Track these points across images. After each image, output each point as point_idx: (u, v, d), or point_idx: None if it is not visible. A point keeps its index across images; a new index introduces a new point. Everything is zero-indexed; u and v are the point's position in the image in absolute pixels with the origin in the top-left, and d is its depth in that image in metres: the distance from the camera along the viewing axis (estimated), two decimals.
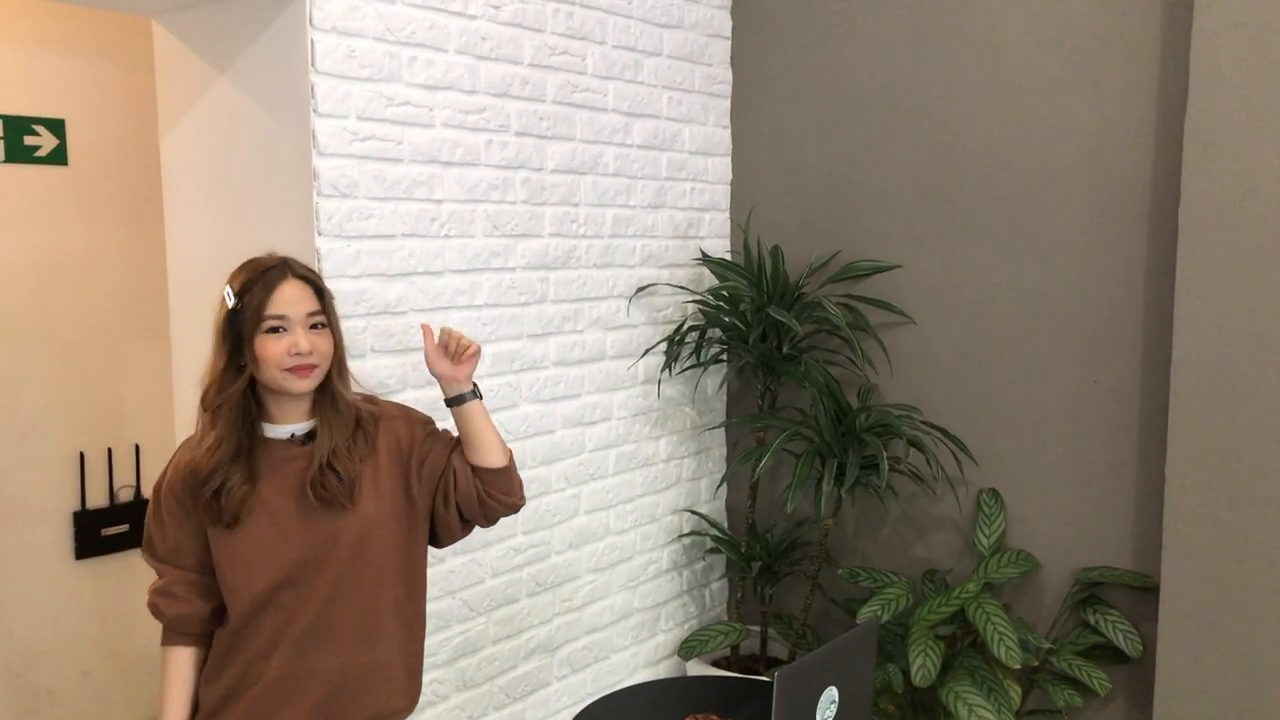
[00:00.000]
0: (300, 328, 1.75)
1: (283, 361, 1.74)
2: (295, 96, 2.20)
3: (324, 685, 1.83)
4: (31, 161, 3.37)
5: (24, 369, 3.39)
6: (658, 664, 3.25)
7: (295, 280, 1.77)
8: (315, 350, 1.75)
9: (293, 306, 1.75)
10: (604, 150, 2.89)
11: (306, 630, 1.81)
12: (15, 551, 3.42)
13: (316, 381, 1.77)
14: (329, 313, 1.79)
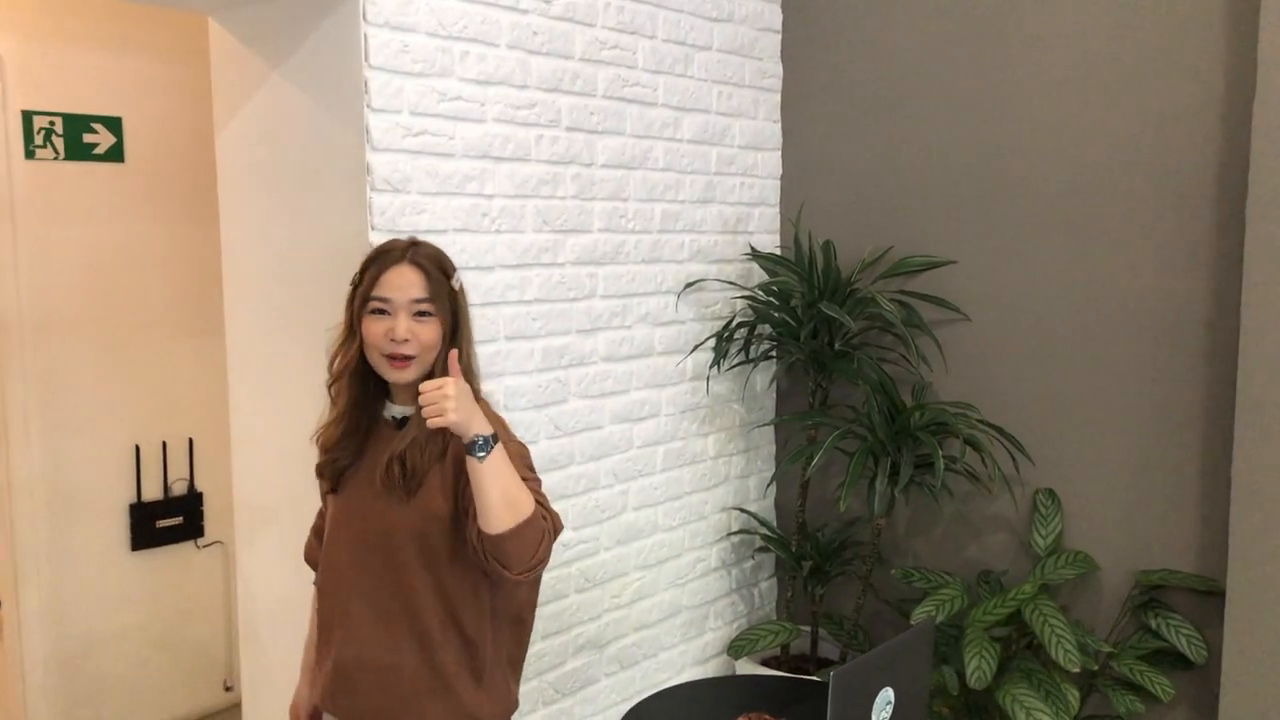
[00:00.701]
0: (404, 313, 1.73)
1: (382, 346, 1.74)
2: (349, 92, 2.20)
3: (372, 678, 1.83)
4: (89, 159, 3.43)
5: (82, 363, 3.45)
6: (706, 662, 3.23)
7: (408, 266, 1.75)
8: (414, 339, 1.73)
9: (397, 291, 1.74)
10: (654, 145, 2.87)
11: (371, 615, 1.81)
12: (74, 543, 3.48)
13: (416, 374, 1.74)
14: (438, 303, 1.74)
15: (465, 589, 1.78)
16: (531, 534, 1.62)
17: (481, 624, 1.81)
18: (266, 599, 2.62)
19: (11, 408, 3.32)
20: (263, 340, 2.55)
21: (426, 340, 1.74)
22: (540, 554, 1.65)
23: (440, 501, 1.75)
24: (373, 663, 1.82)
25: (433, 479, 1.75)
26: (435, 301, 1.74)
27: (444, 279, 1.78)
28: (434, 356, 1.76)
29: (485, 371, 2.45)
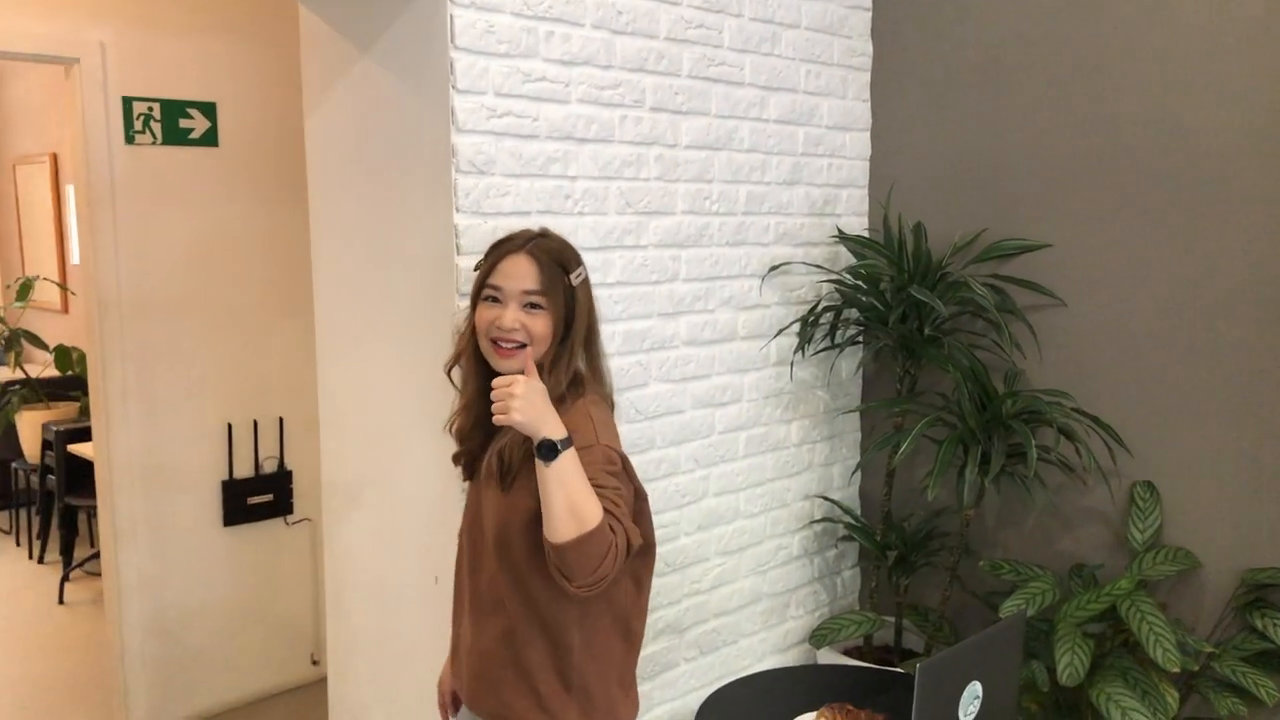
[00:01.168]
0: (514, 303, 1.73)
1: (489, 331, 1.75)
2: (435, 74, 2.21)
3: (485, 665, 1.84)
4: (185, 143, 3.51)
5: (177, 343, 3.55)
6: (786, 651, 3.19)
7: (524, 256, 1.74)
8: (524, 329, 1.72)
9: (510, 281, 1.74)
10: (739, 125, 2.83)
11: (480, 601, 1.84)
12: (169, 517, 3.59)
13: (521, 364, 1.72)
14: (550, 296, 1.72)
15: (549, 590, 1.74)
16: (594, 548, 1.54)
17: (568, 626, 1.76)
18: (353, 576, 2.66)
19: (111, 386, 3.43)
20: (350, 322, 2.58)
21: (536, 332, 1.73)
22: (604, 569, 1.57)
23: (527, 498, 1.73)
24: (474, 648, 1.85)
25: (525, 475, 1.73)
26: (547, 295, 1.73)
27: (561, 273, 1.75)
28: (544, 348, 1.74)
29: None
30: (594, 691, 1.80)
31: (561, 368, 1.76)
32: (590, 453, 1.67)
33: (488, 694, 1.83)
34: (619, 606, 1.82)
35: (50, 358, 5.35)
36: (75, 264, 6.08)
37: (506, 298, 1.74)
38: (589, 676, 1.79)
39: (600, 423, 1.74)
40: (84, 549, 5.38)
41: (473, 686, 1.87)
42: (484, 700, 1.84)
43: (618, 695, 1.85)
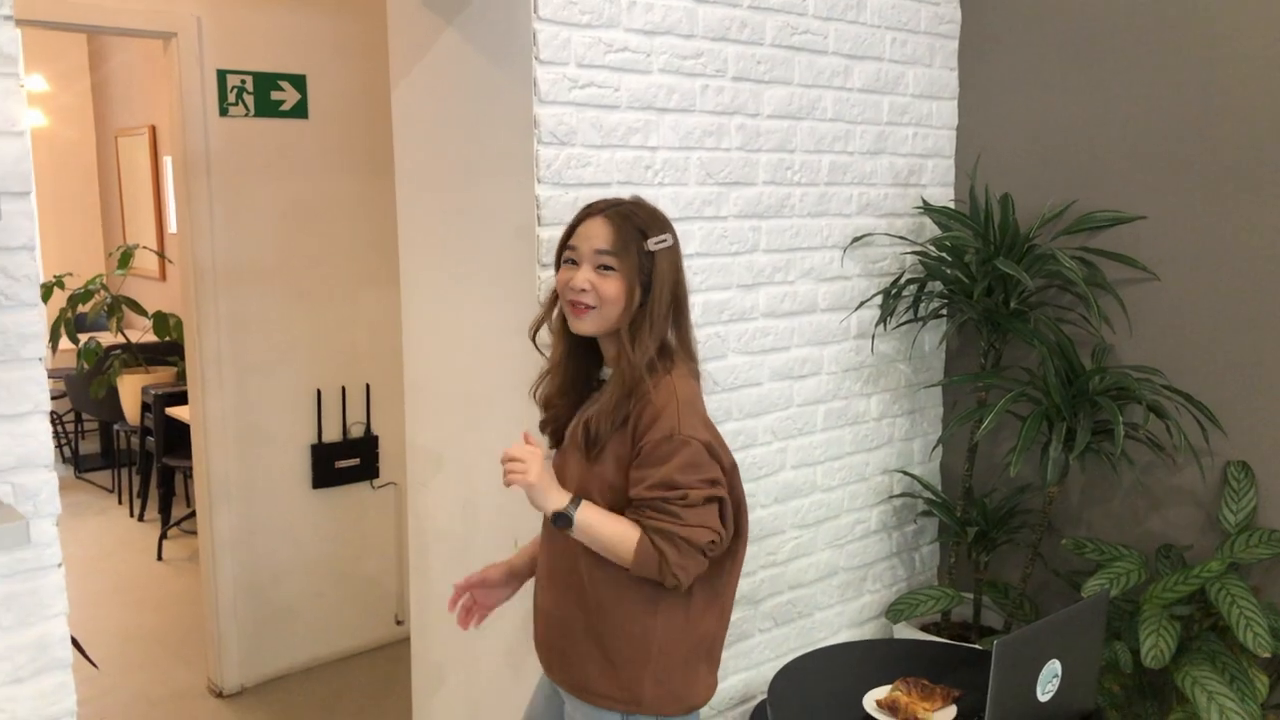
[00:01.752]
0: (587, 264, 1.76)
1: (564, 293, 1.78)
2: (518, 44, 2.22)
3: (542, 624, 1.91)
4: (276, 115, 3.60)
5: (269, 311, 3.65)
6: (863, 624, 3.18)
7: (600, 218, 1.77)
8: (594, 290, 1.74)
9: (584, 242, 1.76)
10: (822, 94, 2.79)
11: (560, 570, 1.87)
12: (260, 479, 3.71)
13: (595, 326, 1.76)
14: (622, 258, 1.73)
15: None
16: (645, 569, 1.71)
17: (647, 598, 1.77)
18: (436, 539, 2.73)
19: (207, 352, 3.55)
20: (435, 290, 2.63)
21: (606, 293, 1.74)
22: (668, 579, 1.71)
23: (613, 471, 1.76)
24: (550, 615, 1.89)
25: (612, 447, 1.76)
26: (618, 256, 1.73)
27: (637, 236, 1.75)
28: (617, 312, 1.75)
29: None
30: (674, 666, 1.80)
31: (643, 336, 1.75)
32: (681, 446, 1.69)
33: (563, 662, 1.86)
34: (710, 582, 1.83)
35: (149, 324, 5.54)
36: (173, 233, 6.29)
37: (581, 258, 1.76)
38: (671, 651, 1.80)
39: (684, 404, 1.73)
40: (180, 508, 5.60)
41: (548, 654, 1.91)
42: (560, 668, 1.87)
43: (700, 672, 1.85)
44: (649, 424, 1.71)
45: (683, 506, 1.69)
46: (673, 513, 1.69)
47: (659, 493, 1.69)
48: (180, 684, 3.81)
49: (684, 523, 1.69)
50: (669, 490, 1.69)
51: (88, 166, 7.09)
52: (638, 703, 1.79)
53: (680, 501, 1.69)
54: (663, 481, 1.69)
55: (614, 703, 1.80)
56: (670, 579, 1.70)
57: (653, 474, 1.70)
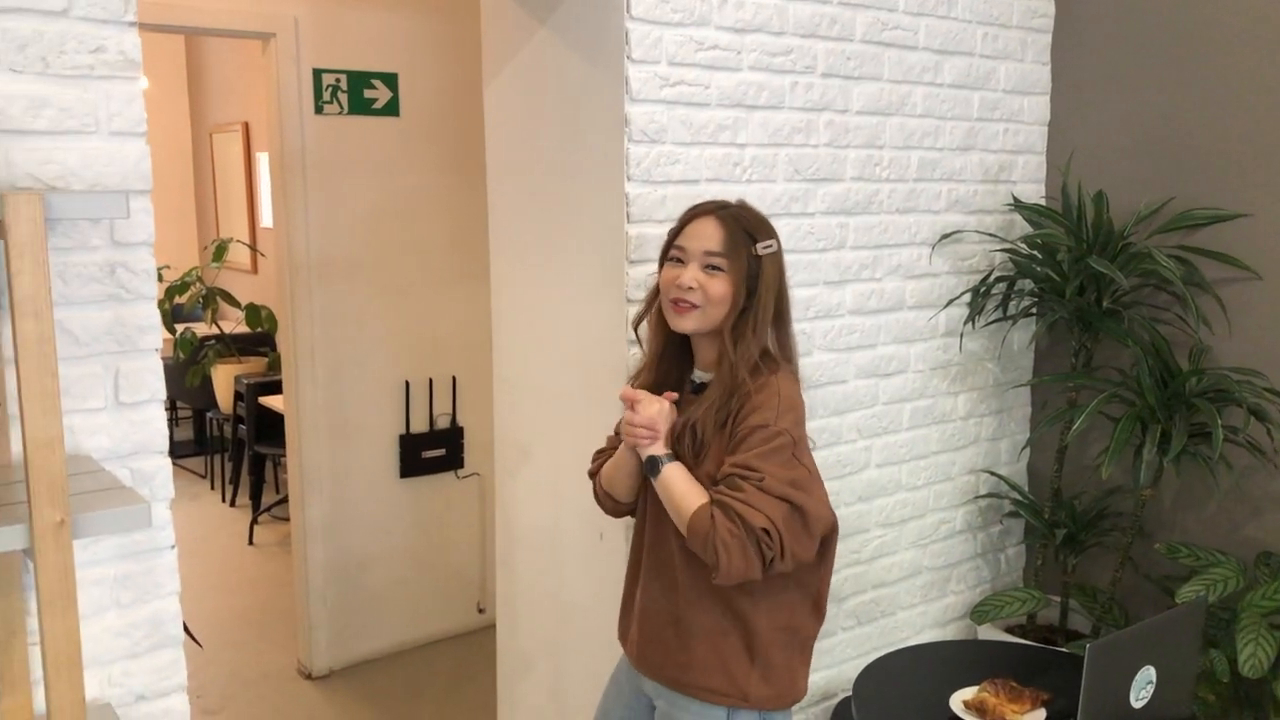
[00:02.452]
0: (695, 263, 1.77)
1: (669, 291, 1.79)
2: (610, 43, 2.25)
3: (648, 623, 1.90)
4: (369, 113, 3.68)
5: (361, 304, 3.75)
6: (946, 625, 3.16)
7: (711, 218, 1.78)
8: (701, 289, 1.75)
9: (694, 241, 1.78)
10: (912, 90, 2.77)
11: (649, 561, 1.89)
12: (350, 467, 3.81)
13: (697, 325, 1.77)
14: (731, 259, 1.74)
15: None
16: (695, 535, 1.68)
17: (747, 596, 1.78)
18: (521, 529, 2.78)
19: (301, 344, 3.65)
20: (524, 286, 2.67)
21: (713, 293, 1.75)
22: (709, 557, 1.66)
23: (714, 469, 1.76)
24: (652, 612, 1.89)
25: (714, 448, 1.77)
26: (728, 258, 1.75)
27: (746, 239, 1.77)
28: (721, 313, 1.76)
29: None
30: (776, 661, 1.81)
31: (747, 338, 1.76)
32: (771, 438, 1.70)
33: (666, 659, 1.86)
34: (805, 578, 1.83)
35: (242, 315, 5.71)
36: (264, 227, 6.47)
37: (689, 257, 1.77)
38: (773, 646, 1.81)
39: (785, 401, 1.74)
40: (270, 495, 5.77)
41: (645, 649, 1.91)
42: (662, 665, 1.87)
43: (798, 667, 1.86)
44: (746, 415, 1.73)
45: (755, 487, 1.67)
46: (741, 489, 1.68)
47: (738, 470, 1.70)
48: (271, 665, 3.94)
49: (746, 501, 1.66)
50: (747, 470, 1.70)
51: (184, 163, 7.33)
52: (744, 698, 1.80)
53: (756, 482, 1.68)
54: (744, 463, 1.70)
55: (720, 697, 1.80)
56: (712, 553, 1.65)
57: (739, 455, 1.71)
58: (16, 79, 1.53)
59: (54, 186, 1.58)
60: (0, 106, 1.52)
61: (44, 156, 1.56)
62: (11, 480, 1.45)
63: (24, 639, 1.61)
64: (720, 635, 1.80)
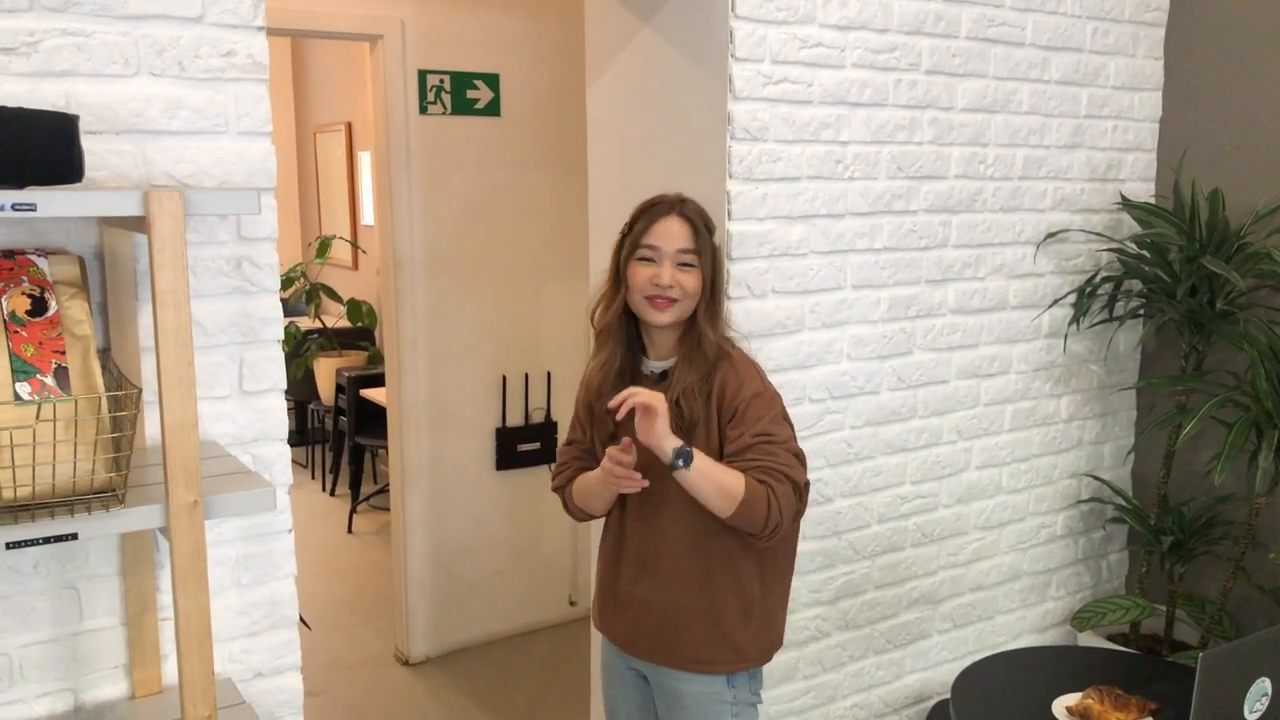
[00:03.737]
0: (669, 262, 1.85)
1: (645, 289, 1.86)
2: (714, 42, 2.27)
3: (646, 614, 1.95)
4: (471, 113, 3.76)
5: (460, 300, 3.83)
6: (1045, 631, 3.10)
7: (677, 218, 1.87)
8: (678, 285, 1.84)
9: (665, 240, 1.86)
10: (1018, 87, 2.73)
11: (638, 556, 1.95)
12: (451, 460, 3.89)
13: (675, 317, 1.86)
14: (701, 255, 1.85)
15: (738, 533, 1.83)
16: (755, 511, 1.74)
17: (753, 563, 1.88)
18: None
19: (403, 338, 3.75)
20: None
21: (689, 287, 1.85)
22: (773, 518, 1.75)
23: (703, 441, 1.84)
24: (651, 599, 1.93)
25: (704, 423, 1.85)
26: (699, 254, 1.86)
27: (708, 234, 1.88)
28: (694, 303, 1.86)
29: (830, 320, 2.47)
30: (773, 616, 1.94)
31: (721, 321, 1.90)
32: (771, 403, 1.84)
33: (671, 642, 1.92)
34: (790, 537, 1.95)
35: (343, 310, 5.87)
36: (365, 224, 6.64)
37: (662, 257, 1.85)
38: (769, 606, 1.93)
39: (758, 369, 1.90)
40: (369, 485, 5.92)
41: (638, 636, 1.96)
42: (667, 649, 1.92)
43: (780, 617, 1.98)
44: (737, 387, 1.83)
45: (783, 449, 1.81)
46: (774, 454, 1.79)
47: (765, 439, 1.80)
48: (369, 650, 4.05)
49: (785, 464, 1.79)
50: (769, 436, 1.80)
51: (288, 161, 7.56)
52: (743, 657, 1.90)
53: (782, 444, 1.81)
54: (763, 431, 1.81)
55: (719, 666, 1.90)
56: (775, 516, 1.75)
57: (755, 425, 1.81)
58: (154, 82, 1.61)
59: (186, 184, 1.66)
60: (140, 109, 1.61)
61: (178, 156, 1.65)
62: (148, 463, 1.53)
63: (155, 614, 1.69)
64: (721, 611, 1.88)
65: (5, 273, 1.33)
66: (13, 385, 1.28)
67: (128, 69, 1.59)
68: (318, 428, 6.42)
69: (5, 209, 1.19)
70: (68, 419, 1.29)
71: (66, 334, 1.33)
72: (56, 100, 1.54)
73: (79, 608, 1.65)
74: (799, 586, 2.53)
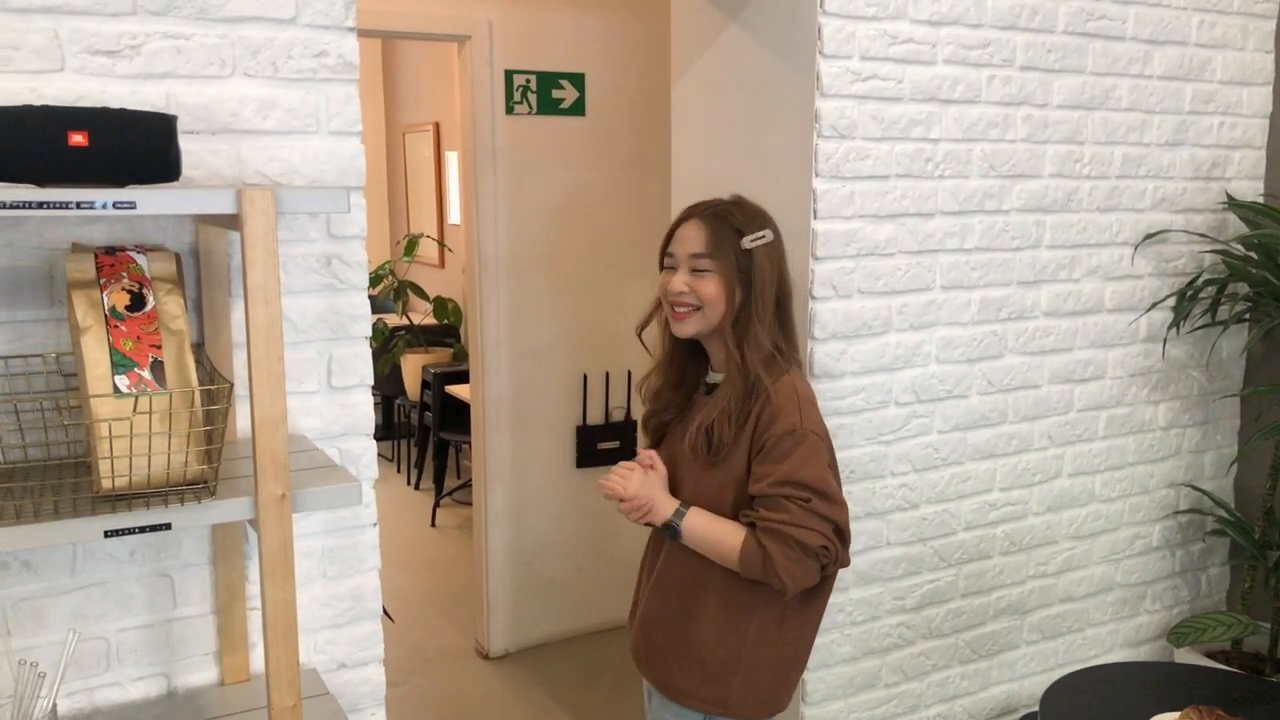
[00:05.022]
0: (683, 267, 1.79)
1: (665, 295, 1.82)
2: (802, 39, 2.23)
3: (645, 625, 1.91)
4: (556, 113, 3.78)
5: (544, 298, 3.85)
6: (1138, 646, 2.99)
7: (696, 221, 1.80)
8: (692, 291, 1.77)
9: (680, 246, 1.81)
10: (1117, 83, 2.64)
11: (651, 566, 1.92)
12: (532, 457, 3.92)
13: (699, 327, 1.79)
14: (718, 259, 1.75)
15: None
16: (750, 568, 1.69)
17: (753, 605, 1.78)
18: None
19: (488, 336, 3.78)
20: None
21: (705, 294, 1.76)
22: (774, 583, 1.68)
23: (738, 470, 1.76)
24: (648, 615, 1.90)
25: (737, 447, 1.76)
26: (714, 258, 1.75)
27: (733, 235, 1.76)
28: (718, 313, 1.76)
29: (918, 322, 2.42)
30: (762, 671, 1.80)
31: (754, 334, 1.75)
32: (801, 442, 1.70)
33: (658, 662, 1.88)
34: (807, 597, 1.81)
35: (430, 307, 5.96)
36: (451, 223, 6.73)
37: (678, 262, 1.80)
38: (761, 656, 1.80)
39: (805, 401, 1.75)
40: (452, 479, 6.00)
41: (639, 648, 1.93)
42: (654, 668, 1.89)
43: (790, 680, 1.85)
44: (770, 420, 1.72)
45: (801, 508, 1.68)
46: (788, 510, 1.68)
47: (782, 490, 1.69)
48: (450, 643, 4.10)
49: (796, 523, 1.67)
50: (793, 488, 1.68)
51: (377, 161, 7.71)
52: (724, 705, 1.80)
53: (802, 502, 1.68)
54: (786, 478, 1.69)
55: (700, 703, 1.82)
56: (776, 580, 1.68)
57: (775, 470, 1.70)
58: (249, 82, 1.65)
59: (279, 183, 1.69)
60: (235, 109, 1.64)
61: (270, 155, 1.68)
62: (238, 455, 1.57)
63: (244, 603, 1.73)
64: (711, 644, 1.80)
65: (107, 269, 1.37)
66: (112, 378, 1.31)
67: (224, 70, 1.63)
68: (403, 422, 6.53)
69: (107, 207, 1.22)
70: (163, 412, 1.32)
71: (163, 329, 1.36)
72: (156, 101, 1.58)
73: (172, 595, 1.70)
74: (882, 593, 2.49)
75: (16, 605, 1.60)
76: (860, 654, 2.49)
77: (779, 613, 1.80)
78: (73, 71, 1.54)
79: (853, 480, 2.39)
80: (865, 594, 2.47)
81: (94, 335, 1.32)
